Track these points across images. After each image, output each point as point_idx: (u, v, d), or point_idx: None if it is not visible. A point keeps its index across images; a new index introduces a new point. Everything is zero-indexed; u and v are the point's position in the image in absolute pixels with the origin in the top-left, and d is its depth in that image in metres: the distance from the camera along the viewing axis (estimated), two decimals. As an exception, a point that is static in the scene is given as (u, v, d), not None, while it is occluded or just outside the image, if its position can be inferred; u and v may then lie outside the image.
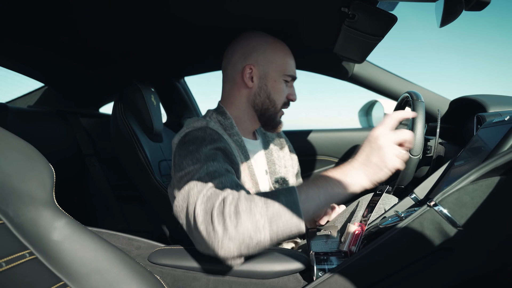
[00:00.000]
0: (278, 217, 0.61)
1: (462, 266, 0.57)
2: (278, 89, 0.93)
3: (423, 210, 0.58)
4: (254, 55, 0.92)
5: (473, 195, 0.56)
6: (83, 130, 1.53)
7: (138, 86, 1.27)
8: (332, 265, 0.65)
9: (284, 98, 0.95)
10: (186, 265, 0.71)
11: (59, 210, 0.54)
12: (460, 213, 0.56)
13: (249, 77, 0.92)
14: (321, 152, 1.70)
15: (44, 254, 0.50)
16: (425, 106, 1.20)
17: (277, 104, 0.94)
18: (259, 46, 0.92)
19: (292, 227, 0.61)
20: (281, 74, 0.93)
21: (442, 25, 0.74)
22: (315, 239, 0.80)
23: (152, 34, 1.11)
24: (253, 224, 0.60)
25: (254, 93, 0.93)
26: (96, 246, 0.55)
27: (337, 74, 1.46)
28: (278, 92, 0.93)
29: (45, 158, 0.56)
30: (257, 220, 0.60)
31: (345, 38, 1.03)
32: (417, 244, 0.58)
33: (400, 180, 1.01)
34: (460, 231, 0.55)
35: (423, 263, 0.58)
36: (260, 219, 0.60)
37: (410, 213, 0.62)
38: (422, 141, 0.96)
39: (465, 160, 0.75)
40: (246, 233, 0.60)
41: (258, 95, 0.93)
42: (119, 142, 1.27)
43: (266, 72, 0.92)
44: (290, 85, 0.97)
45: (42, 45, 1.14)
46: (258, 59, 0.92)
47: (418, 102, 1.02)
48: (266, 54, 0.92)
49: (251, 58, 0.92)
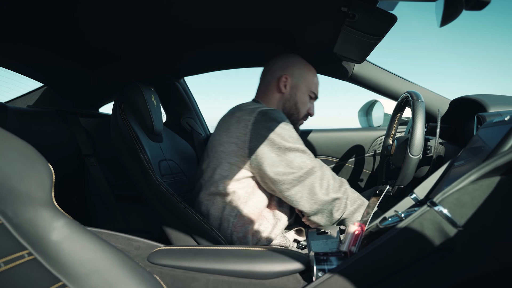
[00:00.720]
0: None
1: (462, 266, 0.57)
2: (303, 100, 1.14)
3: (423, 210, 0.58)
4: (291, 69, 1.14)
5: (473, 195, 0.55)
6: (83, 130, 1.52)
7: (138, 86, 1.27)
8: (332, 266, 0.65)
9: (305, 111, 1.16)
10: (186, 265, 0.71)
11: (58, 210, 0.54)
12: (460, 213, 0.55)
13: (283, 85, 1.12)
14: (321, 152, 1.71)
15: (43, 255, 0.49)
16: (425, 106, 1.20)
17: (300, 112, 1.14)
18: (297, 64, 1.15)
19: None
20: (308, 90, 1.15)
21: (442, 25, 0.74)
22: (315, 239, 0.80)
23: (152, 35, 1.11)
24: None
25: (285, 98, 1.13)
26: (95, 247, 0.55)
27: (337, 74, 1.45)
28: (303, 103, 1.14)
29: (44, 158, 0.56)
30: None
31: (345, 38, 1.03)
32: (417, 244, 0.57)
33: (400, 180, 1.00)
34: (460, 231, 0.55)
35: (423, 263, 0.58)
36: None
37: (410, 213, 0.62)
38: (422, 141, 0.96)
39: (465, 160, 0.75)
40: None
41: (288, 100, 1.13)
42: (120, 142, 1.27)
43: (297, 84, 1.13)
44: (312, 102, 1.19)
45: (42, 45, 1.14)
46: (294, 72, 1.13)
47: (418, 102, 1.02)
48: (300, 71, 1.14)
49: (288, 70, 1.13)
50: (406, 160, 0.97)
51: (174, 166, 1.30)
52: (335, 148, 1.70)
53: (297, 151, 0.93)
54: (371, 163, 1.69)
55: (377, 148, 1.67)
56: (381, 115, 2.00)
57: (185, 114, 1.76)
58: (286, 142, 0.93)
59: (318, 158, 1.70)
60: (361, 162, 1.70)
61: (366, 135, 1.71)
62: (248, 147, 0.94)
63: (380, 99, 2.02)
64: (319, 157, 1.70)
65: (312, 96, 1.17)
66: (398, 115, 1.31)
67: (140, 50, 1.24)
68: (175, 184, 1.22)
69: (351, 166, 1.71)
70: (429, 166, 1.02)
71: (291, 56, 1.17)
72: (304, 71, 1.14)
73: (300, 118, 1.16)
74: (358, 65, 1.41)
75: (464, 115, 1.24)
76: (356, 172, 1.71)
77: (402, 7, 0.93)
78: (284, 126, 0.94)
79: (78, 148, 1.50)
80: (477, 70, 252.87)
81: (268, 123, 0.93)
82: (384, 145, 1.34)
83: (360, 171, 1.70)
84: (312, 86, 1.15)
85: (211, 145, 1.03)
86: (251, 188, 0.99)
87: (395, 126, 1.32)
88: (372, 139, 1.69)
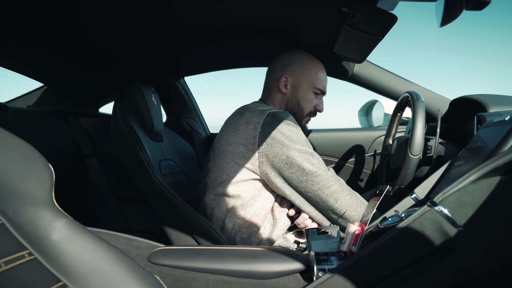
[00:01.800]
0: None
1: (462, 266, 0.57)
2: (306, 98, 1.11)
3: (424, 210, 0.58)
4: (291, 67, 1.10)
5: (473, 195, 0.55)
6: (83, 130, 1.52)
7: (138, 86, 1.27)
8: (332, 265, 0.65)
9: (311, 108, 1.12)
10: (186, 265, 0.71)
11: (58, 210, 0.54)
12: (461, 213, 0.55)
13: (283, 85, 1.10)
14: (321, 152, 1.71)
15: (43, 255, 0.49)
16: (425, 106, 1.20)
17: (304, 110, 1.11)
18: (297, 61, 1.11)
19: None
20: (311, 87, 1.10)
21: (442, 25, 0.74)
22: (315, 239, 0.80)
23: (152, 34, 1.11)
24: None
25: (287, 98, 1.11)
26: (95, 247, 0.55)
27: (337, 73, 1.45)
28: (306, 101, 1.11)
29: (44, 158, 0.56)
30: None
31: (345, 37, 1.03)
32: (417, 244, 0.57)
33: (400, 180, 1.00)
34: (461, 231, 0.55)
35: (423, 263, 0.58)
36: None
37: (410, 213, 0.62)
38: (422, 141, 0.96)
39: (466, 160, 0.75)
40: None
41: (290, 100, 1.11)
42: (120, 142, 1.27)
43: (299, 82, 1.10)
44: (320, 97, 1.14)
45: (41, 44, 1.14)
46: (294, 71, 1.10)
47: (418, 102, 1.02)
48: (301, 68, 1.10)
49: (288, 69, 1.10)
50: (406, 160, 0.97)
51: (174, 166, 1.30)
52: (335, 148, 1.70)
53: (306, 153, 0.94)
54: (371, 163, 1.69)
55: (377, 148, 1.67)
56: (381, 115, 2.00)
57: (185, 114, 1.76)
58: (294, 144, 0.93)
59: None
60: (361, 162, 1.70)
61: (366, 135, 1.71)
62: (257, 150, 0.94)
63: (380, 99, 2.02)
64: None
65: (318, 92, 1.12)
66: (398, 115, 1.31)
67: (140, 49, 1.24)
68: (175, 184, 1.22)
69: (351, 166, 1.71)
70: (429, 166, 1.02)
71: (292, 54, 1.13)
72: (305, 68, 1.10)
73: (304, 116, 1.12)
74: (358, 65, 1.41)
75: (464, 115, 1.24)
76: (356, 172, 1.71)
77: (402, 7, 0.93)
78: (293, 128, 0.95)
79: (78, 148, 1.50)
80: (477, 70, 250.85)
81: (277, 126, 0.94)
82: (384, 145, 1.34)
83: (360, 171, 1.70)
84: (316, 82, 1.10)
85: (218, 144, 1.03)
86: (257, 190, 0.99)
87: (395, 126, 1.32)
88: (372, 139, 1.69)
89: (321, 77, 1.12)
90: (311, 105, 1.12)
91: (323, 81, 1.13)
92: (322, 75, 1.12)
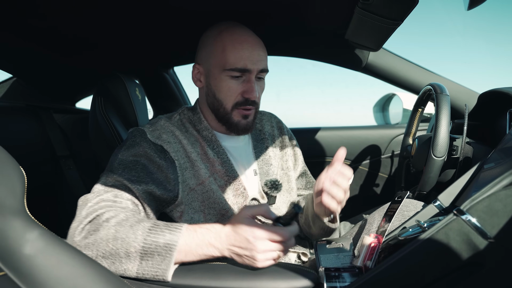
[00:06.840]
0: (150, 255, 0.69)
1: (494, 284, 0.57)
2: (221, 87, 0.92)
3: (449, 220, 0.58)
4: (199, 53, 0.97)
5: (506, 202, 0.56)
6: (57, 128, 1.52)
7: (120, 78, 1.27)
8: (344, 283, 0.65)
9: (234, 97, 0.93)
10: (177, 283, 0.71)
11: (31, 219, 0.54)
12: (491, 223, 0.56)
13: (197, 78, 0.98)
14: (331, 154, 1.71)
15: (14, 271, 0.50)
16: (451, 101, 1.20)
17: (224, 104, 0.93)
18: (205, 41, 0.95)
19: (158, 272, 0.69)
20: (221, 70, 0.91)
21: (470, 8, 0.74)
22: (325, 253, 0.80)
23: (137, 17, 1.11)
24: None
25: (205, 93, 0.97)
26: (73, 261, 0.55)
27: (349, 63, 1.46)
28: (222, 90, 0.93)
29: (15, 161, 0.56)
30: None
31: (358, 22, 1.03)
32: (442, 259, 0.58)
33: (422, 185, 1.01)
34: (491, 243, 0.56)
35: (449, 280, 0.58)
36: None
37: (433, 222, 0.62)
38: (447, 141, 0.96)
39: (497, 162, 0.75)
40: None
41: (208, 95, 0.96)
42: (99, 142, 1.27)
43: (208, 69, 0.94)
44: (247, 79, 0.92)
45: (8, 29, 1.14)
46: (201, 57, 0.96)
47: (442, 95, 1.02)
48: (208, 50, 0.94)
49: (197, 57, 0.98)
50: (429, 162, 0.97)
51: (162, 169, 1.30)
52: (347, 149, 1.70)
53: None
54: (388, 166, 1.69)
55: (395, 149, 1.68)
56: (400, 111, 2.00)
57: (174, 109, 1.76)
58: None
59: (328, 160, 1.71)
60: (376, 164, 1.70)
61: (382, 134, 1.71)
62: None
63: (399, 92, 2.02)
64: (328, 159, 1.70)
65: (236, 74, 0.91)
66: (419, 110, 1.31)
67: (123, 35, 1.24)
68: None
69: (365, 170, 1.71)
70: (455, 169, 1.03)
71: (204, 34, 0.97)
72: (210, 49, 0.93)
73: (229, 111, 0.94)
74: (373, 54, 1.42)
75: (495, 111, 1.24)
76: (371, 176, 1.71)
77: (424, -13, 0.93)
78: (121, 150, 0.93)
79: (52, 149, 1.50)
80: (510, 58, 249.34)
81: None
82: (403, 145, 1.35)
83: (376, 175, 1.71)
84: (224, 63, 0.90)
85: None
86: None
87: (416, 124, 1.32)
88: (390, 139, 1.69)
89: (229, 53, 0.90)
90: (231, 93, 0.92)
91: (235, 57, 0.90)
92: (230, 50, 0.90)
